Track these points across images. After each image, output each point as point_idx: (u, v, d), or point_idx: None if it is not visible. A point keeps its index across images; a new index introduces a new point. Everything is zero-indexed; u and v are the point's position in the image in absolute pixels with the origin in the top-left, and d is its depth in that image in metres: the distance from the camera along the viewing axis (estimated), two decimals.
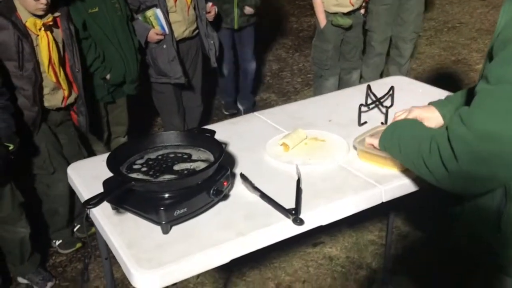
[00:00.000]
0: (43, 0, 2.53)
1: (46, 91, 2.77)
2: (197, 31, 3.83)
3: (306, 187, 1.59)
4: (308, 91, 5.37)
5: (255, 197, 1.54)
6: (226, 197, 1.54)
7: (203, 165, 1.50)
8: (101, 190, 1.42)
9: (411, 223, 3.23)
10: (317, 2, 4.07)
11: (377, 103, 2.15)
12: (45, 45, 2.64)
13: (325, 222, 1.51)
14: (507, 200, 1.30)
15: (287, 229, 1.43)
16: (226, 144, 1.87)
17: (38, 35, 2.62)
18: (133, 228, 1.43)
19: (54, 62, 2.71)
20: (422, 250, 2.98)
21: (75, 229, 3.32)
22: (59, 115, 2.95)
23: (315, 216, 1.47)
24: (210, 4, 3.86)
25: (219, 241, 1.35)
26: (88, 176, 1.74)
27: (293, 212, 1.43)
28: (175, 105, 3.92)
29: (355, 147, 1.78)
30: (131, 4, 3.46)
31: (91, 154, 3.24)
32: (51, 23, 2.66)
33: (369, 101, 2.17)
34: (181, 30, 3.67)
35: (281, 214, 1.45)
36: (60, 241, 3.22)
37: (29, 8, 2.57)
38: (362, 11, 4.28)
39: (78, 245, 3.24)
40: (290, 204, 1.47)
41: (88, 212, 1.49)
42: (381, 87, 2.26)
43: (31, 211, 2.93)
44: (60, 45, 2.77)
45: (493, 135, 1.17)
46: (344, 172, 1.68)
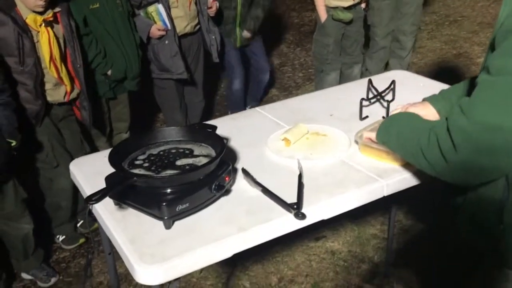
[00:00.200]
0: None
1: (48, 86, 2.78)
2: (198, 26, 3.83)
3: (307, 181, 1.59)
4: (310, 86, 5.36)
5: (256, 192, 1.55)
6: (228, 192, 1.55)
7: (204, 160, 1.51)
8: (103, 186, 1.43)
9: (413, 216, 3.23)
10: None
11: (379, 97, 2.15)
12: (45, 41, 2.65)
13: (326, 217, 1.51)
14: (509, 192, 1.30)
15: (289, 223, 1.43)
16: (227, 139, 1.87)
17: (38, 31, 2.63)
18: (135, 224, 1.44)
19: (55, 58, 2.71)
20: (424, 244, 2.98)
21: (78, 225, 3.34)
22: (61, 110, 2.96)
23: (317, 210, 1.48)
24: None
25: (221, 236, 1.36)
26: (90, 172, 1.74)
27: (295, 206, 1.44)
28: (177, 100, 3.92)
29: (356, 142, 1.78)
30: (132, 0, 3.46)
31: (94, 150, 3.24)
32: (51, 19, 2.67)
33: (371, 95, 2.17)
34: (183, 25, 3.67)
35: (282, 208, 1.46)
36: (64, 236, 3.24)
37: (28, 5, 2.57)
38: (363, 5, 4.27)
39: (82, 240, 3.26)
40: (291, 198, 1.48)
41: (91, 207, 1.50)
42: (382, 81, 2.26)
43: (34, 207, 2.94)
44: (61, 41, 2.78)
45: (494, 126, 1.17)
46: (345, 166, 1.69)
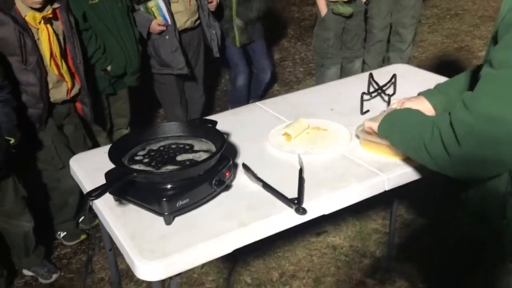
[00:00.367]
0: None
1: (50, 85, 2.76)
2: (199, 21, 3.82)
3: (308, 176, 1.58)
4: (311, 80, 5.35)
5: (257, 187, 1.54)
6: (228, 187, 1.54)
7: (205, 155, 1.50)
8: (103, 181, 1.42)
9: (414, 211, 3.22)
10: None
11: (379, 91, 2.14)
12: (45, 38, 2.64)
13: (327, 211, 1.51)
14: None
15: (289, 218, 1.43)
16: (228, 134, 1.87)
17: (38, 29, 2.62)
18: (136, 219, 1.43)
19: (56, 54, 2.70)
20: (426, 238, 2.98)
21: (79, 221, 3.34)
22: (65, 108, 2.95)
23: (318, 205, 1.47)
24: None
25: (222, 231, 1.35)
26: (90, 168, 1.74)
27: (296, 201, 1.43)
28: (177, 96, 3.91)
29: (357, 136, 1.77)
30: None
31: (95, 146, 3.23)
32: (50, 15, 2.65)
33: (371, 89, 2.16)
34: (183, 20, 3.66)
35: (283, 203, 1.45)
36: (65, 233, 3.24)
37: (26, 2, 2.56)
38: None
39: (83, 237, 3.26)
40: (292, 193, 1.47)
41: (91, 204, 1.50)
42: (383, 75, 2.25)
43: (35, 203, 2.93)
44: (61, 37, 2.76)
45: (496, 119, 1.16)
46: (346, 161, 1.68)
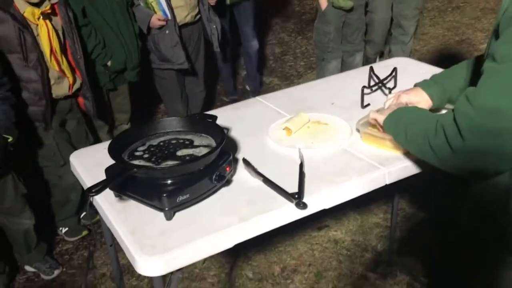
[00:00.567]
0: None
1: (51, 81, 2.75)
2: (199, 16, 3.80)
3: (309, 171, 1.58)
4: (311, 74, 5.34)
5: (257, 182, 1.54)
6: (228, 182, 1.54)
7: (205, 150, 1.49)
8: (103, 177, 1.42)
9: (415, 205, 3.22)
10: None
11: (380, 84, 2.14)
12: (45, 34, 2.62)
13: (328, 206, 1.50)
14: None
15: (290, 213, 1.43)
16: (228, 129, 1.86)
17: (37, 25, 2.60)
18: (136, 215, 1.43)
19: (56, 50, 2.69)
20: (427, 232, 2.98)
21: (81, 216, 3.34)
22: (67, 103, 2.95)
23: (318, 199, 1.47)
24: None
25: (222, 226, 1.35)
26: (90, 164, 1.74)
27: (296, 196, 1.43)
28: (178, 91, 3.91)
29: (358, 130, 1.77)
30: None
31: (97, 141, 3.23)
32: (49, 11, 2.64)
33: (372, 83, 2.15)
34: (183, 15, 3.64)
35: (284, 198, 1.45)
36: (67, 228, 3.24)
37: None
38: None
39: (84, 232, 3.26)
40: (293, 188, 1.47)
41: (91, 199, 1.50)
42: (384, 68, 2.24)
43: (37, 199, 2.94)
44: (60, 32, 2.75)
45: (499, 112, 1.16)
46: (347, 155, 1.68)
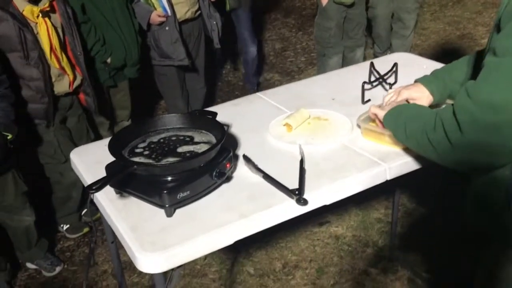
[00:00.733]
0: None
1: (52, 79, 2.75)
2: (199, 12, 3.79)
3: (309, 167, 1.58)
4: (312, 70, 5.33)
5: (258, 178, 1.54)
6: (229, 179, 1.54)
7: (205, 147, 1.49)
8: (104, 174, 1.41)
9: (416, 200, 3.22)
10: None
11: (381, 80, 2.13)
12: (44, 32, 2.62)
13: (329, 202, 1.50)
14: None
15: (290, 209, 1.42)
16: (228, 125, 1.86)
17: (36, 23, 2.60)
18: (136, 212, 1.43)
19: (56, 47, 2.69)
20: (428, 227, 2.98)
21: (82, 213, 3.34)
22: (68, 100, 2.95)
23: (319, 195, 1.47)
24: None
25: (223, 223, 1.35)
26: (91, 161, 1.74)
27: (297, 192, 1.43)
28: (178, 87, 3.90)
29: (358, 126, 1.76)
30: None
31: (97, 138, 3.23)
32: (48, 8, 2.63)
33: (373, 78, 2.15)
34: (183, 11, 3.63)
35: (284, 194, 1.45)
36: (68, 225, 3.25)
37: None
38: None
39: (86, 229, 3.26)
40: (293, 184, 1.46)
41: (92, 197, 1.49)
42: (384, 64, 2.24)
43: (38, 196, 2.94)
44: (59, 30, 2.75)
45: (499, 106, 1.16)
46: (347, 151, 1.67)
